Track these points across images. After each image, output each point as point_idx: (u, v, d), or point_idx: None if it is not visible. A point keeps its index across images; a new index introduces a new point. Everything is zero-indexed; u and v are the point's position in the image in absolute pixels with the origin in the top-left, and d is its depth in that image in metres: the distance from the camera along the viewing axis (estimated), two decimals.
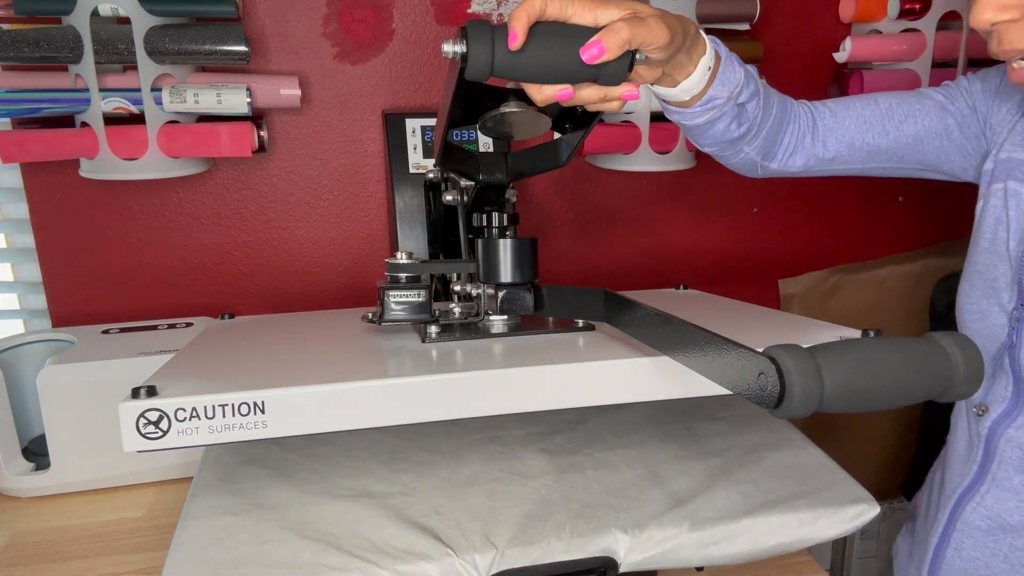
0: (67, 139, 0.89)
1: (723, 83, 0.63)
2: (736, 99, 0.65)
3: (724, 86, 0.64)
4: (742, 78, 0.65)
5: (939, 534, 0.75)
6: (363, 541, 0.62)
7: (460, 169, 0.71)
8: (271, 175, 1.04)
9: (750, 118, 0.69)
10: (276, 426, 0.55)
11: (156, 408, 0.53)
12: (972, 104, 0.74)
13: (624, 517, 0.65)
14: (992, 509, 0.71)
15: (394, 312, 0.68)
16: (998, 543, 0.70)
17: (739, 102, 0.66)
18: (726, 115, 0.66)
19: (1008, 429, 0.69)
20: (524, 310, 0.69)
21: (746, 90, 0.65)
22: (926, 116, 0.75)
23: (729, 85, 0.64)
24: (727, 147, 0.72)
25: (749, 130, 0.70)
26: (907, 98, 0.76)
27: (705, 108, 0.65)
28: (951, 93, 0.75)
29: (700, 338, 0.51)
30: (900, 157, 0.76)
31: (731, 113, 0.66)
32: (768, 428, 0.82)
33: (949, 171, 0.77)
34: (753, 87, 0.66)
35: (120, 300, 1.04)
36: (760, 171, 0.76)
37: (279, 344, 0.75)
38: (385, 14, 1.01)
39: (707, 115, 0.65)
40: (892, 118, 0.75)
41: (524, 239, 0.68)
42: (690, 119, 0.66)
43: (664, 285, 1.12)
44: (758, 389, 0.44)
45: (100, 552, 0.75)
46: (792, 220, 1.24)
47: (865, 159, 0.77)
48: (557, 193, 1.14)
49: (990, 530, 0.71)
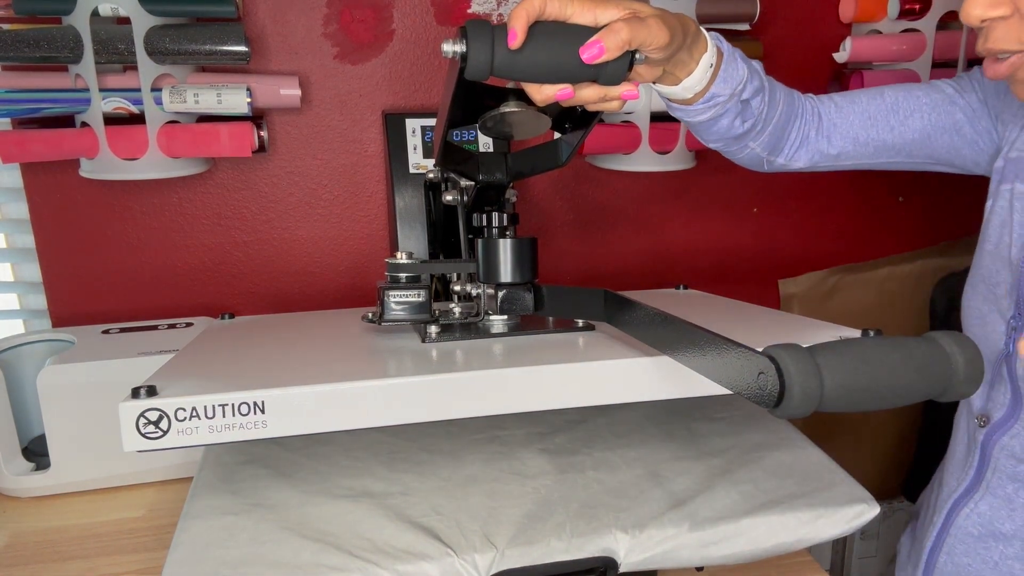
0: (67, 139, 0.89)
1: (725, 80, 0.63)
2: (739, 95, 0.65)
3: (727, 83, 0.63)
4: (745, 75, 0.64)
5: (933, 537, 0.74)
6: (363, 541, 0.62)
7: (460, 169, 0.71)
8: (271, 175, 1.04)
9: (755, 114, 0.68)
10: (276, 426, 0.55)
11: (156, 408, 0.53)
12: (983, 98, 0.72)
13: (624, 517, 0.65)
14: (985, 516, 0.70)
15: (394, 312, 0.68)
16: (989, 551, 0.70)
17: (743, 98, 0.65)
18: (729, 111, 0.66)
19: (1003, 437, 0.68)
20: (524, 310, 0.69)
21: (750, 86, 0.65)
22: (933, 111, 0.73)
23: (732, 82, 0.64)
24: (732, 143, 0.71)
25: (754, 126, 0.69)
26: (914, 92, 0.75)
27: (708, 105, 0.64)
28: (962, 85, 0.74)
29: (700, 338, 0.51)
30: (908, 152, 0.76)
31: (735, 109, 0.66)
32: (768, 428, 0.82)
33: (961, 165, 0.76)
34: (757, 83, 0.66)
35: (120, 300, 1.04)
36: (766, 166, 0.76)
37: (279, 344, 0.75)
38: (385, 14, 1.01)
39: (710, 112, 0.65)
40: (897, 113, 0.74)
41: (524, 239, 0.68)
42: (693, 116, 0.66)
43: (664, 285, 1.12)
44: (758, 389, 0.44)
45: (100, 552, 0.75)
46: (792, 220, 1.24)
47: (872, 155, 0.76)
48: (557, 193, 1.14)
49: (981, 537, 0.70)
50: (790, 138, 0.74)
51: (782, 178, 1.20)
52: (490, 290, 0.70)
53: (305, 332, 0.80)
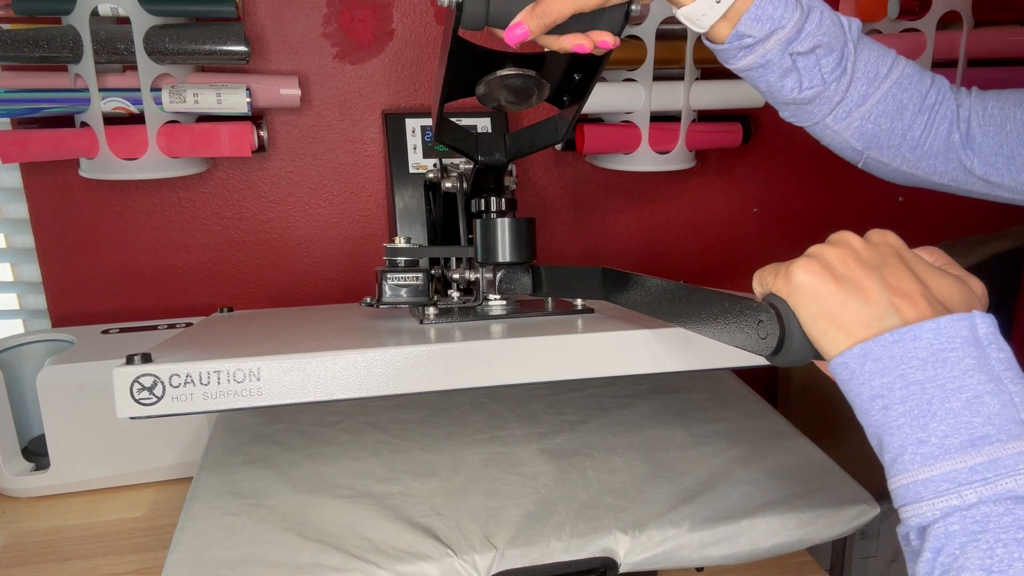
0: (67, 139, 0.89)
1: (757, 18, 0.53)
2: (785, 46, 0.54)
3: (758, 22, 0.53)
4: (794, 19, 0.53)
5: None
6: (363, 541, 0.62)
7: (458, 146, 0.69)
8: (271, 175, 1.04)
9: (823, 80, 0.56)
10: (271, 394, 0.54)
11: (150, 374, 0.53)
12: None
13: (624, 517, 0.65)
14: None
15: (392, 294, 0.68)
16: None
17: (794, 51, 0.54)
18: (773, 65, 0.55)
19: None
20: (522, 290, 0.68)
21: (807, 38, 0.54)
22: None
23: (765, 23, 0.53)
24: (797, 111, 0.60)
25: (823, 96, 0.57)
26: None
27: (737, 46, 0.55)
28: None
29: (698, 296, 0.52)
30: None
31: (781, 64, 0.55)
32: (768, 428, 0.82)
33: None
34: (824, 39, 0.54)
35: (120, 300, 1.04)
36: (863, 163, 0.62)
37: (277, 326, 0.75)
38: (385, 14, 1.01)
39: (746, 58, 0.55)
40: None
41: (522, 219, 0.67)
42: (728, 59, 0.56)
43: None
44: (758, 338, 0.44)
45: (100, 552, 0.75)
46: (792, 220, 1.24)
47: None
48: (556, 193, 1.14)
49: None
50: (910, 135, 0.59)
51: (781, 177, 1.20)
52: (488, 274, 0.69)
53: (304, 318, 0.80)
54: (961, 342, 0.39)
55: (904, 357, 0.39)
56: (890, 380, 0.40)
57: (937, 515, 0.37)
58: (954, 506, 0.36)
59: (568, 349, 0.59)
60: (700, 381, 0.94)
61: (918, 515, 0.38)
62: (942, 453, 0.37)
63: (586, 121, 1.05)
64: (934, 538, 0.37)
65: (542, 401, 0.88)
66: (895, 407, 0.39)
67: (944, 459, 0.37)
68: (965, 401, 0.38)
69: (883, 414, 0.40)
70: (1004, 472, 0.36)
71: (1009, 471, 0.36)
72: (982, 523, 0.36)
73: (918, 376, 0.39)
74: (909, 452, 0.39)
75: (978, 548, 0.35)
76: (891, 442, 0.40)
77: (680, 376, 0.94)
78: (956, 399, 0.38)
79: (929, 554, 0.37)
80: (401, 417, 0.84)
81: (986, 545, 0.35)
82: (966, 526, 0.36)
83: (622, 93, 1.00)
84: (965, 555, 0.36)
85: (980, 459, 0.37)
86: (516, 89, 0.62)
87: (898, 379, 0.39)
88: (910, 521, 0.38)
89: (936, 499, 0.37)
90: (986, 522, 0.36)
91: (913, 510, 0.38)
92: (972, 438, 0.37)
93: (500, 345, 0.58)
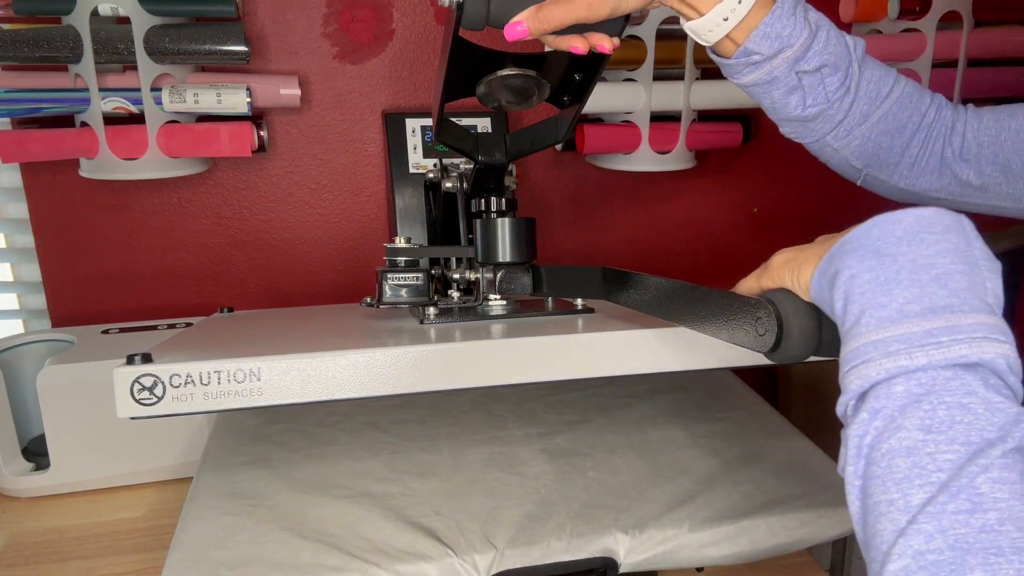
0: (67, 139, 0.89)
1: (765, 36, 0.53)
2: (792, 64, 0.54)
3: (766, 40, 0.53)
4: (803, 38, 0.53)
5: None
6: (363, 541, 0.62)
7: (458, 146, 0.69)
8: (271, 175, 1.04)
9: (827, 98, 0.56)
10: (271, 394, 0.54)
11: (151, 374, 0.53)
12: None
13: (624, 517, 0.65)
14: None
15: (392, 294, 0.68)
16: None
17: (800, 69, 0.54)
18: (779, 82, 0.55)
19: None
20: (523, 290, 0.68)
21: (814, 57, 0.54)
22: None
23: (773, 41, 0.53)
24: (799, 128, 0.59)
25: (826, 115, 0.57)
26: None
27: (744, 63, 0.55)
28: None
29: (697, 294, 0.52)
30: None
31: (787, 81, 0.55)
32: (768, 428, 0.82)
33: None
34: (830, 59, 0.55)
35: (120, 300, 1.04)
36: (864, 182, 0.63)
37: (277, 326, 0.75)
38: (385, 14, 1.01)
39: (752, 74, 0.55)
40: None
41: (522, 219, 0.67)
42: (734, 74, 0.56)
43: None
44: (756, 335, 0.45)
45: (100, 552, 0.75)
46: (792, 220, 1.24)
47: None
48: (556, 193, 1.14)
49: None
50: (908, 153, 0.60)
51: (780, 177, 1.20)
52: (488, 274, 0.69)
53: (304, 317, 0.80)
54: (942, 228, 0.38)
55: (881, 236, 0.39)
56: (862, 254, 0.39)
57: (882, 375, 0.36)
58: (902, 366, 0.35)
59: (568, 349, 0.59)
60: (700, 381, 0.94)
61: (862, 376, 0.36)
62: (900, 317, 0.36)
63: (586, 121, 1.05)
64: (873, 399, 0.36)
65: (542, 401, 0.88)
66: (862, 275, 0.38)
67: (901, 322, 0.36)
68: (934, 275, 0.37)
69: (849, 283, 0.39)
70: (960, 339, 0.35)
71: (965, 338, 0.35)
72: (927, 386, 0.34)
73: (891, 250, 0.38)
74: (867, 315, 0.37)
75: (919, 409, 0.34)
76: (851, 308, 0.38)
77: (680, 376, 0.94)
78: (926, 273, 0.37)
79: (866, 414, 0.36)
80: (401, 417, 0.84)
81: (928, 406, 0.34)
82: (910, 388, 0.35)
83: (622, 93, 1.00)
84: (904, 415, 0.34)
85: (937, 324, 0.35)
86: (516, 89, 0.62)
87: (871, 252, 0.39)
88: (851, 386, 0.37)
89: (885, 359, 0.36)
90: (932, 385, 0.34)
91: (858, 372, 0.37)
92: (934, 306, 0.36)
93: (500, 345, 0.58)
